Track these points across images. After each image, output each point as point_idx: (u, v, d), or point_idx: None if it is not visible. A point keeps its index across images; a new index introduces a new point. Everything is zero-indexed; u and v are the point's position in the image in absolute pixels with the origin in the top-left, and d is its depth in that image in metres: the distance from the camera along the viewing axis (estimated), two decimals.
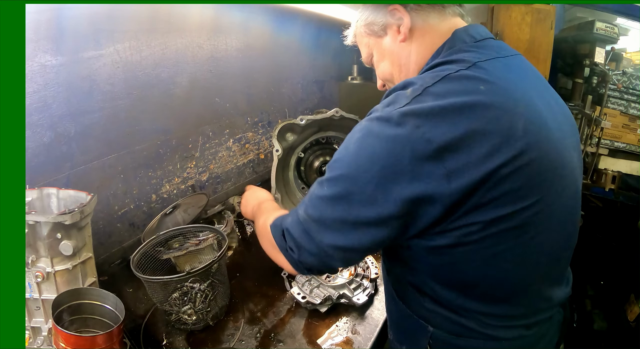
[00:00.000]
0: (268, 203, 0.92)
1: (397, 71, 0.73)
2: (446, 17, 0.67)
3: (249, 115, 1.81)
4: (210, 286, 0.93)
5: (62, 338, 0.74)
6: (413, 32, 0.67)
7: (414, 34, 0.67)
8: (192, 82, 1.45)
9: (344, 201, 0.57)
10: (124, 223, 1.29)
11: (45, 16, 0.96)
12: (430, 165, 0.52)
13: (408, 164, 0.52)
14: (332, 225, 0.59)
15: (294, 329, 0.95)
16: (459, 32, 0.64)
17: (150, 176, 1.36)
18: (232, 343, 0.92)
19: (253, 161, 1.90)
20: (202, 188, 1.61)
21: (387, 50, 0.72)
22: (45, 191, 0.95)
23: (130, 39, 1.20)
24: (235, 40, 1.62)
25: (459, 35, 0.64)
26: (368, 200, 0.56)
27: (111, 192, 1.23)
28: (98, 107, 1.14)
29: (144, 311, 1.03)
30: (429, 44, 0.67)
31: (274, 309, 1.03)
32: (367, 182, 0.55)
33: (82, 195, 0.94)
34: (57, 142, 1.05)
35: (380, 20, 0.70)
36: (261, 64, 1.81)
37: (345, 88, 2.60)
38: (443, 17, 0.67)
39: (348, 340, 0.91)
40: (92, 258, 0.94)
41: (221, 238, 1.06)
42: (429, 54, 0.67)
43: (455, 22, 0.68)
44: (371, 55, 0.77)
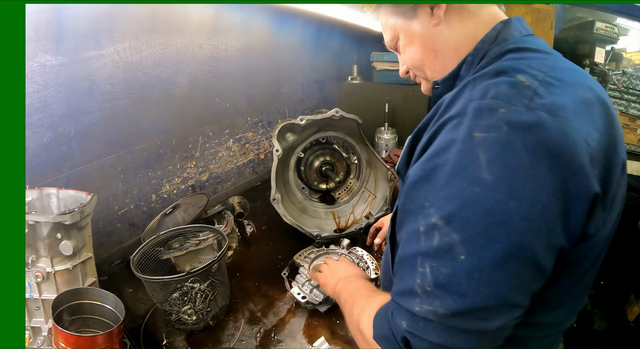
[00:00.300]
0: (362, 281, 0.77)
1: (431, 57, 0.64)
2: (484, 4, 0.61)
3: (249, 115, 1.81)
4: (210, 286, 0.93)
5: (62, 338, 0.74)
6: (449, 16, 0.60)
7: (450, 18, 0.60)
8: (192, 82, 1.45)
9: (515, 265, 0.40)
10: (124, 223, 1.29)
11: (45, 16, 0.96)
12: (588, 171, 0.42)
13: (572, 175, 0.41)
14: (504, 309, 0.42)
15: (294, 329, 0.95)
16: (515, 21, 0.58)
17: (150, 176, 1.36)
18: (232, 343, 0.92)
19: (253, 161, 1.90)
20: (202, 188, 1.61)
21: (418, 34, 0.63)
22: (45, 191, 0.96)
23: (130, 39, 1.20)
24: (235, 40, 1.62)
25: (515, 24, 0.58)
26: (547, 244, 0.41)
27: (111, 192, 1.23)
28: (98, 107, 1.14)
29: (144, 311, 1.03)
30: (470, 30, 0.60)
31: (274, 309, 1.03)
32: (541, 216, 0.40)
33: (82, 195, 0.94)
34: (57, 142, 1.05)
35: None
36: (261, 64, 1.81)
37: (345, 88, 2.60)
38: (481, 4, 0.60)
39: (348, 340, 0.91)
40: (92, 258, 0.94)
41: (221, 238, 1.06)
42: (470, 41, 0.59)
43: (494, 10, 0.61)
44: (396, 39, 0.69)
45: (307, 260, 1.17)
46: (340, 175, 1.53)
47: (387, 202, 1.40)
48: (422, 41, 0.64)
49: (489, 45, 0.57)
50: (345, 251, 1.21)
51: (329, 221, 1.47)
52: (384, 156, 2.24)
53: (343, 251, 1.22)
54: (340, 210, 1.52)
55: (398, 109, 2.40)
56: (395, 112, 2.40)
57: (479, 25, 0.59)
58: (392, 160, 2.14)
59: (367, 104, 2.47)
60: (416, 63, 0.67)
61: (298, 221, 1.31)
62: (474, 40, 0.59)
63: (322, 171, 1.48)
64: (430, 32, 0.62)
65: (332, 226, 1.41)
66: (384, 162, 1.44)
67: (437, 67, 0.64)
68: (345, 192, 1.57)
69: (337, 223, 1.45)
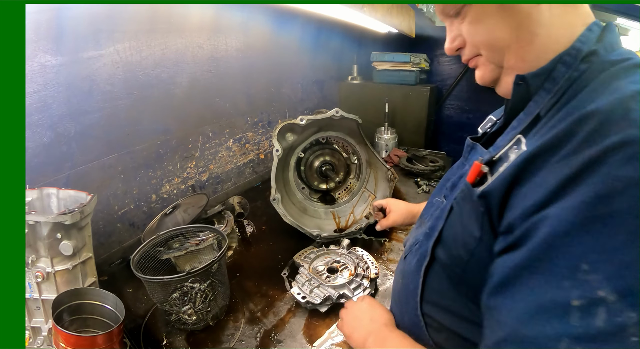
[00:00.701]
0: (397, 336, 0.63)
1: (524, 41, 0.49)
2: None
3: (249, 115, 1.81)
4: (210, 286, 0.93)
5: (62, 338, 0.74)
6: None
7: None
8: (192, 82, 1.45)
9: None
10: (124, 223, 1.29)
11: (45, 16, 0.96)
12: None
13: None
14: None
15: (294, 329, 0.95)
16: (612, 25, 0.51)
17: (150, 176, 1.36)
18: (232, 343, 0.92)
19: (253, 161, 1.90)
20: (202, 188, 1.61)
21: (513, 6, 0.48)
22: (45, 191, 0.95)
23: (130, 39, 1.20)
24: (235, 40, 1.62)
25: (612, 27, 0.51)
26: None
27: (111, 192, 1.23)
28: (98, 107, 1.14)
29: (144, 311, 1.03)
30: (570, 23, 0.49)
31: (274, 309, 1.03)
32: None
33: (82, 195, 0.94)
34: (57, 142, 1.05)
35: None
36: (261, 64, 1.81)
37: (345, 88, 2.60)
38: None
39: None
40: (92, 258, 0.94)
41: (221, 238, 1.06)
42: (569, 36, 0.48)
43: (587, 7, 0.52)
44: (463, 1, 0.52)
45: (307, 260, 1.17)
46: (340, 175, 1.53)
47: None
48: (516, 16, 0.48)
49: (588, 47, 0.47)
50: (345, 251, 1.21)
51: (329, 221, 1.47)
52: (384, 156, 2.24)
53: (343, 251, 1.22)
54: (340, 210, 1.52)
55: (398, 109, 2.41)
56: (395, 112, 2.40)
57: (578, 19, 0.49)
58: (392, 160, 2.14)
59: (367, 104, 2.47)
60: (496, 42, 0.51)
61: (298, 221, 1.31)
62: (572, 35, 0.48)
63: (322, 171, 1.48)
64: (529, 7, 0.48)
65: (332, 226, 1.41)
66: (384, 162, 1.44)
67: (528, 55, 0.50)
68: (345, 192, 1.57)
69: (337, 223, 1.45)
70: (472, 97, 2.80)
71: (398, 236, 1.40)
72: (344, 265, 1.16)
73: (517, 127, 0.50)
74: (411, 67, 2.37)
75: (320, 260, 1.19)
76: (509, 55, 0.51)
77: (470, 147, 0.65)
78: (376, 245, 1.34)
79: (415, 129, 2.45)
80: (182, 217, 1.25)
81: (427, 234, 0.62)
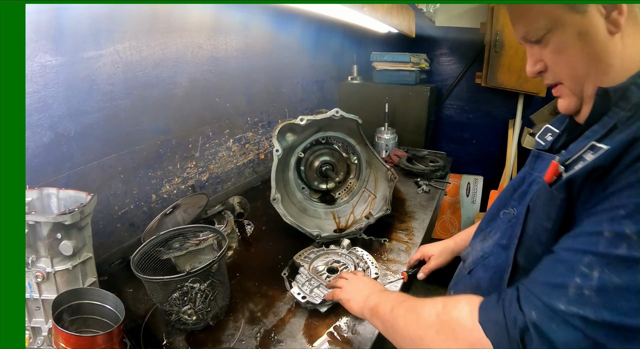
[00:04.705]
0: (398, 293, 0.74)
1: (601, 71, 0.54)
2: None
3: (249, 115, 1.81)
4: (210, 286, 0.93)
5: (62, 338, 0.74)
6: (624, 27, 0.52)
7: (625, 29, 0.52)
8: (192, 82, 1.45)
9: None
10: (124, 223, 1.29)
11: (45, 16, 0.96)
12: None
13: None
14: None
15: (294, 329, 0.95)
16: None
17: (150, 176, 1.36)
18: (232, 343, 0.92)
19: (253, 161, 1.90)
20: (202, 188, 1.61)
21: (589, 37, 0.53)
22: (45, 191, 0.95)
23: (130, 39, 1.20)
24: (235, 40, 1.62)
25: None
26: None
27: (111, 192, 1.23)
28: (98, 107, 1.14)
29: (144, 311, 1.03)
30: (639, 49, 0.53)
31: (274, 309, 1.03)
32: None
33: (82, 195, 0.94)
34: (57, 142, 1.05)
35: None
36: (261, 64, 1.81)
37: (345, 88, 2.60)
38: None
39: (348, 340, 0.91)
40: (92, 258, 0.94)
41: (221, 238, 1.06)
42: (638, 62, 0.53)
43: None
44: (547, 31, 0.56)
45: (307, 260, 1.17)
46: (340, 175, 1.53)
47: (387, 202, 1.40)
48: (593, 48, 0.53)
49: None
50: (345, 251, 1.21)
51: (329, 221, 1.47)
52: (384, 156, 2.24)
53: (343, 251, 1.22)
54: (340, 210, 1.52)
55: (398, 109, 2.41)
56: (395, 112, 2.40)
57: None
58: (392, 160, 2.14)
59: (367, 104, 2.47)
60: (578, 72, 0.56)
61: (298, 221, 1.31)
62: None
63: (322, 171, 1.48)
64: (605, 40, 0.53)
65: (332, 226, 1.41)
66: (384, 162, 1.44)
67: (605, 85, 0.54)
68: (345, 192, 1.57)
69: (337, 223, 1.45)
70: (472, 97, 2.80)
71: (398, 236, 1.40)
72: (344, 265, 1.16)
73: (590, 137, 0.53)
74: (411, 67, 2.37)
75: (320, 260, 1.19)
76: (587, 85, 0.56)
77: (535, 156, 0.70)
78: (376, 245, 1.34)
79: (415, 129, 2.45)
80: (182, 217, 1.25)
81: (503, 245, 0.65)
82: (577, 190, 0.51)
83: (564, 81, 0.59)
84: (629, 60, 0.53)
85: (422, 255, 1.11)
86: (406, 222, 1.50)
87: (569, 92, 0.60)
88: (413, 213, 1.58)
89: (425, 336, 0.56)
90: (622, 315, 0.39)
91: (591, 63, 0.54)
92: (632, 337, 0.39)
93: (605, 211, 0.44)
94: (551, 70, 0.60)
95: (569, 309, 0.42)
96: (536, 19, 0.56)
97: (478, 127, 2.84)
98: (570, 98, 0.60)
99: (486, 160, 2.88)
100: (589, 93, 0.56)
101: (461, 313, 0.53)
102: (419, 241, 1.37)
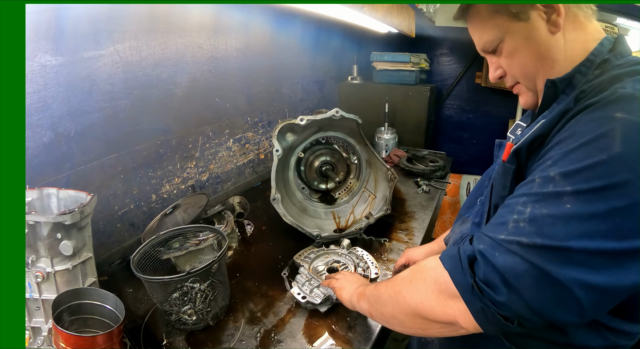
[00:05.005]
0: None
1: (547, 67, 0.62)
2: (590, 14, 0.62)
3: (249, 115, 1.81)
4: (210, 286, 0.93)
5: (62, 338, 0.74)
6: (565, 25, 0.60)
7: (565, 27, 0.60)
8: (192, 82, 1.45)
9: (613, 223, 0.45)
10: (124, 223, 1.29)
11: (45, 16, 0.96)
12: None
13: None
14: (583, 258, 0.46)
15: (294, 329, 0.95)
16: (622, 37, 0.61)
17: (150, 176, 1.36)
18: (232, 343, 0.92)
19: (253, 161, 1.90)
20: (202, 188, 1.61)
21: (533, 40, 0.61)
22: (45, 191, 0.95)
23: (130, 39, 1.20)
24: (235, 40, 1.62)
25: (623, 39, 0.60)
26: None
27: (111, 192, 1.23)
28: (98, 107, 1.14)
29: (144, 311, 1.03)
30: (582, 41, 0.60)
31: (274, 309, 1.03)
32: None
33: (82, 195, 0.94)
34: (57, 142, 1.05)
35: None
36: (261, 64, 1.81)
37: (345, 88, 2.60)
38: (587, 15, 0.62)
39: (348, 340, 0.91)
40: (92, 258, 0.94)
41: (221, 238, 1.06)
42: (582, 53, 0.60)
43: (596, 24, 0.63)
44: (499, 41, 0.65)
45: (307, 260, 1.17)
46: (340, 175, 1.53)
47: (387, 202, 1.40)
48: (538, 49, 0.61)
49: (600, 57, 0.58)
50: (346, 251, 1.21)
51: (329, 221, 1.47)
52: (384, 156, 2.24)
53: (343, 251, 1.22)
54: (340, 210, 1.52)
55: (398, 109, 2.41)
56: (395, 112, 2.40)
57: (589, 36, 0.61)
58: (392, 160, 2.14)
59: (367, 104, 2.47)
60: (528, 72, 0.64)
61: (298, 221, 1.31)
62: (585, 51, 0.60)
63: (322, 171, 1.48)
64: (548, 39, 0.61)
65: (332, 226, 1.41)
66: (384, 162, 1.44)
67: (553, 77, 0.61)
68: (345, 192, 1.57)
69: (337, 223, 1.45)
70: (472, 97, 2.80)
71: (398, 236, 1.40)
72: (344, 264, 1.16)
73: (539, 121, 0.60)
74: (411, 67, 2.37)
75: (320, 260, 1.19)
76: (539, 80, 0.64)
77: (498, 145, 0.81)
78: (376, 245, 1.34)
79: (415, 129, 2.45)
80: (182, 217, 1.25)
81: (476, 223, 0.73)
82: (524, 158, 0.60)
83: (520, 80, 0.67)
84: (572, 53, 0.60)
85: (407, 259, 1.11)
86: (406, 222, 1.50)
87: (525, 89, 0.68)
88: (413, 213, 1.58)
89: (401, 288, 0.66)
90: (550, 238, 0.47)
91: (538, 61, 0.62)
92: (562, 256, 0.46)
93: (539, 165, 0.52)
94: (508, 73, 0.68)
95: (508, 238, 0.50)
96: (490, 32, 0.65)
97: (478, 127, 2.84)
98: (527, 94, 0.68)
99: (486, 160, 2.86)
100: (540, 87, 0.63)
101: (429, 261, 0.64)
102: (419, 241, 1.37)
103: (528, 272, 0.48)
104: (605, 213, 0.45)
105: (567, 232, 0.46)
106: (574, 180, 0.47)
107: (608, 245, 0.45)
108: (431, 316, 0.59)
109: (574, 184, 0.47)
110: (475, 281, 0.52)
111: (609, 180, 0.45)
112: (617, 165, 0.45)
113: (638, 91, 0.49)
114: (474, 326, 0.55)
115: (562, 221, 0.47)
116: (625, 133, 0.46)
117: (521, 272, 0.48)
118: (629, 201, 0.44)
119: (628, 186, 0.44)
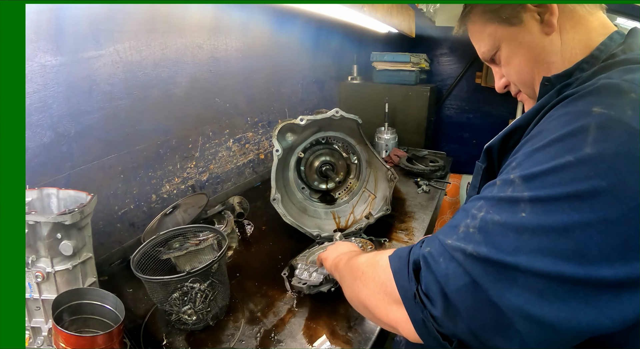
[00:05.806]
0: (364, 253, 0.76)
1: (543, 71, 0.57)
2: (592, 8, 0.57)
3: (249, 115, 1.81)
4: (210, 286, 0.93)
5: (62, 338, 0.74)
6: (560, 24, 0.55)
7: (562, 26, 0.56)
8: (192, 82, 1.45)
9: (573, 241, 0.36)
10: (124, 223, 1.29)
11: (45, 16, 0.96)
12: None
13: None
14: (531, 281, 0.37)
15: (294, 329, 0.95)
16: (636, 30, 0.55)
17: (150, 176, 1.36)
18: (232, 343, 0.92)
19: (253, 161, 1.90)
20: (202, 188, 1.61)
21: (526, 43, 0.58)
22: (45, 191, 0.95)
23: (130, 39, 1.20)
24: (235, 40, 1.62)
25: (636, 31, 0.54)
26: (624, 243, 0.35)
27: (111, 192, 1.23)
28: (98, 107, 1.14)
29: (144, 311, 1.03)
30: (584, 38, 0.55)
31: (274, 309, 1.03)
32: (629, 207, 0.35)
33: (82, 195, 0.94)
34: (57, 142, 1.05)
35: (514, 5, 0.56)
36: (261, 64, 1.81)
37: (345, 88, 2.60)
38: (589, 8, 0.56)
39: (348, 340, 0.91)
40: (92, 258, 0.94)
41: (221, 238, 1.06)
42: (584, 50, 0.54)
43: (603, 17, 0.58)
44: (496, 49, 0.62)
45: (303, 258, 1.17)
46: (340, 175, 1.53)
47: (387, 202, 1.40)
48: (533, 52, 0.57)
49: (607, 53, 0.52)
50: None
51: (329, 221, 1.47)
52: (384, 156, 2.24)
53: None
54: (340, 210, 1.52)
55: (398, 109, 2.41)
56: (395, 112, 2.40)
57: (592, 33, 0.55)
58: (392, 160, 2.14)
59: (367, 104, 2.47)
60: (525, 77, 0.60)
61: (298, 221, 1.31)
62: (588, 49, 0.54)
63: (322, 171, 1.48)
64: (542, 41, 0.56)
65: (332, 226, 1.41)
66: (384, 162, 1.44)
67: None
68: (345, 192, 1.57)
69: (337, 223, 1.45)
70: (472, 97, 2.80)
71: (398, 236, 1.40)
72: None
73: None
74: (411, 67, 2.37)
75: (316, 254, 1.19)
76: (536, 85, 0.59)
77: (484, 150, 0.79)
78: (376, 245, 1.34)
79: (415, 129, 2.45)
80: (182, 217, 1.25)
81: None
82: (496, 159, 0.57)
83: (520, 88, 0.64)
84: (571, 54, 0.55)
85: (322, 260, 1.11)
86: (406, 222, 1.50)
87: (526, 97, 0.64)
88: (413, 213, 1.58)
89: (357, 276, 0.63)
90: (498, 250, 0.39)
91: (534, 65, 0.58)
92: (506, 275, 0.39)
93: (506, 167, 0.47)
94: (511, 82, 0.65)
95: (454, 244, 0.44)
96: (486, 42, 0.63)
97: (478, 127, 2.84)
98: (529, 102, 0.64)
99: None
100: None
101: (382, 257, 0.58)
102: None
103: (467, 287, 0.41)
104: (564, 228, 0.37)
105: (517, 245, 0.38)
106: (534, 184, 0.40)
107: (565, 269, 0.36)
108: (377, 315, 0.55)
109: (533, 189, 0.40)
110: (418, 290, 0.46)
111: (573, 187, 0.37)
112: (586, 170, 0.37)
113: (625, 81, 0.41)
114: (415, 337, 0.48)
115: (514, 232, 0.39)
116: (600, 131, 0.38)
117: (462, 286, 0.41)
118: (598, 217, 0.36)
119: (598, 197, 0.36)
